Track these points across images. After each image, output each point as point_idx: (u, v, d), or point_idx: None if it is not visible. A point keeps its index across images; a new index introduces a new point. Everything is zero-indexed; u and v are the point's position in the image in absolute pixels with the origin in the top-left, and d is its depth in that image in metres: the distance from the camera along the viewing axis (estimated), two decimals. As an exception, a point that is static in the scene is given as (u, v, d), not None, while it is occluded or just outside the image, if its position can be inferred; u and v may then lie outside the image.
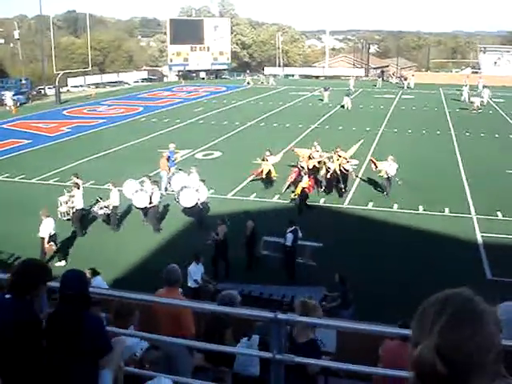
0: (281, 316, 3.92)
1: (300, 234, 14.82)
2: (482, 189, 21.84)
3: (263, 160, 22.26)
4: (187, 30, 69.69)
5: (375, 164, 21.81)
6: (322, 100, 48.41)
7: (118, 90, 61.56)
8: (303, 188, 19.61)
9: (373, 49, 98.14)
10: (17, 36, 65.17)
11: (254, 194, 21.38)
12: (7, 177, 24.05)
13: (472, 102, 43.26)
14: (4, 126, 37.38)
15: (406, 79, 62.26)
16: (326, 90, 49.40)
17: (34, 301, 3.97)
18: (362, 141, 23.78)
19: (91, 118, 39.70)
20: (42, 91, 56.57)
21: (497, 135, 32.78)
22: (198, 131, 34.56)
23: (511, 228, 17.64)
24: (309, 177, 20.27)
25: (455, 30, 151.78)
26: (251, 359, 6.39)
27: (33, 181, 22.38)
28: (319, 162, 22.38)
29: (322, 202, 20.57)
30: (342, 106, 44.57)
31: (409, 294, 12.18)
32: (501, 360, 1.47)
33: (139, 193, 18.16)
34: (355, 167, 24.12)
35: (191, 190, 18.20)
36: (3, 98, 47.07)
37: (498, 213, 19.05)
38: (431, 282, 12.56)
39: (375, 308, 12.08)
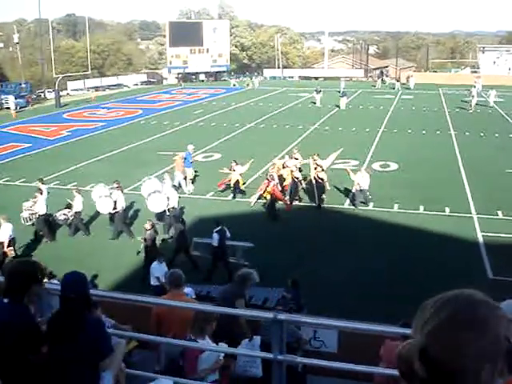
0: (281, 316, 3.92)
1: (228, 234, 15.02)
2: (482, 188, 21.83)
3: (230, 170, 21.50)
4: (186, 33, 69.80)
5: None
6: (314, 103, 47.08)
7: (117, 92, 61.58)
8: (270, 193, 19.21)
9: (372, 49, 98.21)
10: (16, 40, 65.23)
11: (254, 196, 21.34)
12: (7, 180, 24.06)
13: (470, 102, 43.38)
14: (4, 129, 37.41)
15: (398, 80, 61.62)
16: (317, 92, 47.26)
17: (32, 302, 3.96)
18: (342, 149, 22.95)
19: (91, 122, 39.70)
20: (42, 95, 56.61)
21: (497, 135, 32.78)
22: (198, 133, 34.55)
23: (512, 227, 17.64)
24: (275, 184, 19.52)
25: (454, 30, 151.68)
26: (253, 360, 6.39)
27: (33, 184, 22.31)
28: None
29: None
30: (338, 106, 44.89)
31: (410, 294, 12.20)
32: (502, 372, 1.37)
33: (103, 198, 17.93)
34: (354, 168, 24.11)
35: (161, 196, 17.88)
36: (5, 101, 47.10)
37: (499, 212, 19.04)
38: (432, 282, 12.57)
39: (374, 307, 12.07)
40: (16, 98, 48.67)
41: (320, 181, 20.40)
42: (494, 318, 1.39)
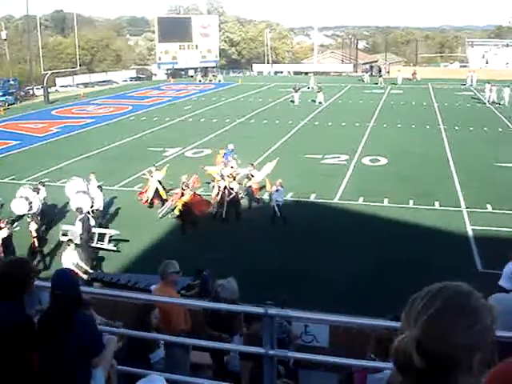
0: (272, 311, 3.93)
1: (92, 222, 15.93)
2: (471, 182, 21.94)
3: (150, 176, 20.07)
4: (175, 28, 69.52)
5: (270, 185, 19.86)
6: (293, 102, 44.84)
7: (106, 89, 61.30)
8: (185, 203, 17.89)
9: (361, 44, 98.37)
10: (4, 36, 64.68)
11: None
12: (-4, 178, 23.95)
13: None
14: (-8, 126, 37.19)
15: (380, 76, 61.10)
16: (296, 90, 44.73)
17: (25, 299, 3.95)
18: (278, 159, 21.74)
19: (80, 118, 39.52)
20: (31, 91, 56.28)
21: (485, 128, 32.92)
22: (188, 129, 34.51)
23: (501, 220, 17.73)
24: (192, 194, 18.31)
25: (443, 25, 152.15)
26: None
27: (23, 181, 22.22)
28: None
29: (312, 197, 20.57)
30: (314, 101, 44.68)
31: (400, 288, 12.25)
32: (490, 361, 1.43)
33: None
34: (345, 162, 24.18)
35: (85, 196, 17.49)
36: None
37: (488, 205, 19.14)
38: (422, 276, 12.61)
39: (365, 302, 12.11)
40: (3, 95, 48.37)
41: (230, 191, 18.65)
42: (482, 307, 1.43)
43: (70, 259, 13.45)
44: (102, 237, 16.63)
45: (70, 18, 74.99)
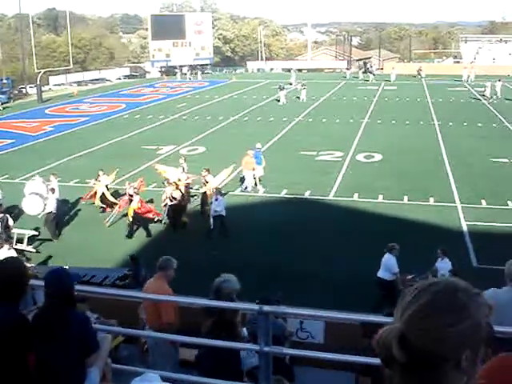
0: (267, 308, 3.92)
1: (11, 222, 15.76)
2: (465, 178, 21.99)
3: (96, 180, 19.33)
4: (169, 26, 69.38)
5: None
6: (278, 101, 43.92)
7: (100, 87, 61.17)
8: (134, 210, 17.11)
9: (355, 41, 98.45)
10: (-4, 35, 64.54)
11: (240, 189, 21.35)
12: (-10, 177, 23.86)
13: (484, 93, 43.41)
14: (-14, 126, 37.04)
15: (370, 72, 60.92)
16: (281, 89, 43.79)
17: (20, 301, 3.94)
18: (234, 165, 20.73)
19: (74, 116, 39.40)
20: (24, 90, 56.10)
21: (479, 124, 33.00)
22: (182, 127, 34.48)
23: (496, 216, 17.78)
24: (141, 200, 17.45)
25: (436, 21, 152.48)
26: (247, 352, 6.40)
27: (16, 181, 22.15)
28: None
29: (307, 194, 20.58)
30: (298, 97, 44.72)
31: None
32: (480, 360, 1.39)
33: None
34: (339, 159, 24.18)
35: (38, 199, 17.10)
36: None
37: (483, 201, 19.19)
38: (416, 272, 12.64)
39: (360, 297, 12.13)
40: (-3, 94, 48.28)
41: (172, 199, 17.64)
42: (473, 304, 1.40)
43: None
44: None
45: (62, 16, 74.80)
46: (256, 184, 21.20)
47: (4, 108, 44.74)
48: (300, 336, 9.05)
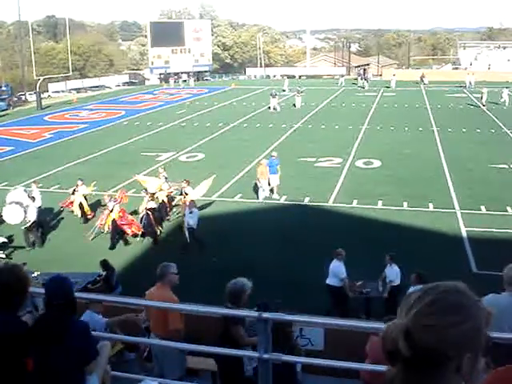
0: (266, 315, 3.92)
1: None
2: (465, 184, 22.00)
3: (74, 191, 19.02)
4: (168, 33, 69.54)
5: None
6: (269, 108, 43.57)
7: (99, 94, 61.24)
8: (114, 219, 16.86)
9: (354, 47, 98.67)
10: (-5, 42, 64.69)
11: (239, 195, 21.36)
12: (-11, 184, 23.85)
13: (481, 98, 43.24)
14: (-15, 133, 37.05)
15: (365, 79, 60.83)
16: (273, 96, 43.40)
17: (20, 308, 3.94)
18: (215, 176, 20.24)
19: (73, 123, 39.43)
20: (23, 97, 56.16)
21: (478, 130, 33.05)
22: (181, 133, 34.50)
23: (495, 221, 17.78)
24: (121, 211, 17.10)
25: (434, 27, 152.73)
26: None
27: (17, 187, 22.14)
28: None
29: (306, 200, 20.57)
30: (294, 105, 44.55)
31: (396, 290, 12.26)
32: (478, 362, 1.43)
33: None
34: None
35: (18, 208, 16.94)
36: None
37: (482, 207, 19.19)
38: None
39: (360, 303, 12.13)
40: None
41: (148, 212, 17.19)
42: (475, 307, 1.45)
43: None
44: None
45: (61, 23, 74.98)
46: (272, 192, 20.88)
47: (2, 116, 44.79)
48: (300, 342, 9.03)
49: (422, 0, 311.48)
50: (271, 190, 20.97)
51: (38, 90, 49.95)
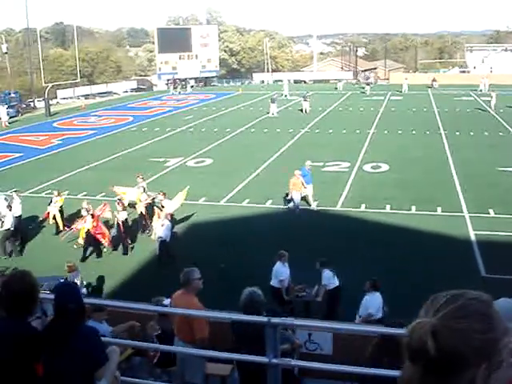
0: (275, 320, 3.93)
1: None
2: (473, 187, 21.94)
3: (51, 202, 18.93)
4: (175, 39, 69.73)
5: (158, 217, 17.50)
6: (268, 113, 43.66)
7: (107, 100, 61.47)
8: (88, 230, 16.63)
9: (360, 51, 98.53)
10: (4, 50, 64.93)
11: (247, 200, 21.38)
12: (-2, 191, 23.99)
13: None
14: (-6, 140, 37.28)
15: (368, 84, 60.21)
16: (272, 101, 43.48)
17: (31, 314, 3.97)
18: (188, 187, 19.69)
19: (82, 130, 39.61)
20: (32, 104, 56.43)
21: (486, 133, 32.96)
22: (189, 139, 34.58)
23: (503, 225, 17.72)
24: (96, 220, 16.85)
25: (441, 31, 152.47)
26: None
27: (25, 194, 22.26)
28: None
29: (314, 205, 20.55)
30: (301, 110, 44.36)
31: (404, 294, 12.25)
32: (492, 374, 1.44)
33: None
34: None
35: None
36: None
37: (490, 210, 19.13)
38: (426, 281, 12.62)
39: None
40: (6, 108, 48.51)
41: (120, 224, 17.07)
42: (498, 319, 1.48)
43: None
44: None
45: (70, 30, 75.36)
46: (310, 204, 20.35)
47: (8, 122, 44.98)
48: (308, 347, 9.03)
49: (429, 4, 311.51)
50: (306, 201, 20.41)
51: (46, 96, 50.20)
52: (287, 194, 20.46)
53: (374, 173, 24.87)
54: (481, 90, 54.87)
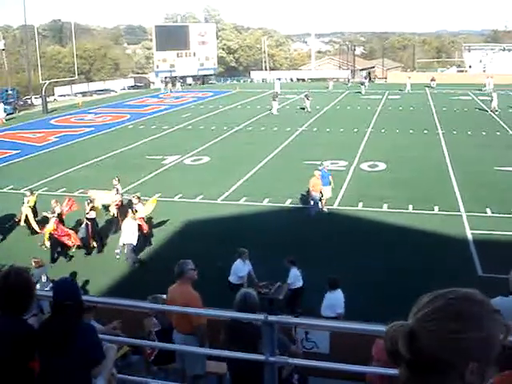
0: (272, 318, 3.92)
1: None
2: (470, 186, 21.95)
3: (28, 202, 18.47)
4: (173, 36, 69.60)
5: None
6: (270, 109, 44.00)
7: (104, 97, 61.34)
8: (51, 233, 16.33)
9: (358, 50, 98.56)
10: (2, 46, 64.86)
11: (245, 198, 21.37)
12: (-5, 188, 23.93)
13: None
14: (-9, 136, 37.18)
15: (362, 84, 59.23)
16: (274, 99, 43.80)
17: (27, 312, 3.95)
18: (160, 194, 20.14)
19: (79, 127, 39.54)
20: (29, 101, 56.28)
21: (484, 133, 32.98)
22: (186, 137, 34.53)
23: (500, 224, 17.73)
24: (56, 222, 16.48)
25: (439, 30, 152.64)
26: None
27: (22, 191, 22.21)
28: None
29: (312, 203, 20.53)
30: (303, 108, 44.35)
31: (400, 293, 12.24)
32: (486, 372, 1.41)
33: None
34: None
35: None
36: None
37: (487, 209, 19.15)
38: (422, 280, 12.62)
39: (365, 306, 12.11)
40: (4, 105, 48.41)
41: (89, 221, 17.03)
42: (488, 318, 1.42)
43: None
44: None
45: (67, 27, 75.38)
46: (322, 206, 19.93)
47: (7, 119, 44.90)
48: (305, 346, 9.03)
49: (427, 3, 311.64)
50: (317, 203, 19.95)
51: (43, 93, 50.07)
52: (304, 197, 20.45)
53: (372, 171, 24.88)
54: (485, 89, 54.80)
